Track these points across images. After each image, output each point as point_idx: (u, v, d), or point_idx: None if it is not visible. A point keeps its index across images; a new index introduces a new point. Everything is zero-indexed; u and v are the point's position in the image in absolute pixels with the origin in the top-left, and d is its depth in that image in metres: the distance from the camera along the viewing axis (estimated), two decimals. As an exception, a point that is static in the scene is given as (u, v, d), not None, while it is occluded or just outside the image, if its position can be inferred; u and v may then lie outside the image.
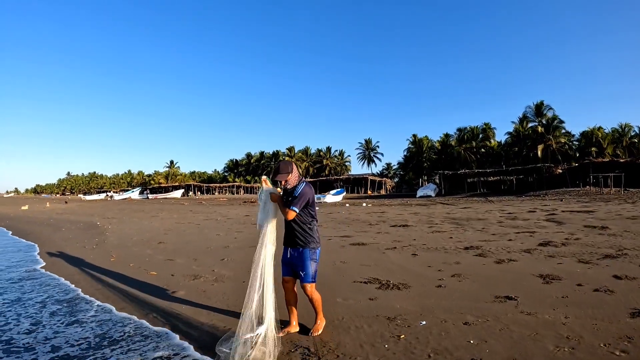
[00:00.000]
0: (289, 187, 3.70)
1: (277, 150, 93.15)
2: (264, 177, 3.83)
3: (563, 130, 57.50)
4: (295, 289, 3.83)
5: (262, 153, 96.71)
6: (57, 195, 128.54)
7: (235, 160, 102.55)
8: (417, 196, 45.77)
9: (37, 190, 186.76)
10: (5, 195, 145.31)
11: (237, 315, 3.64)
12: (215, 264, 7.34)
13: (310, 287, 3.66)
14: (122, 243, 10.51)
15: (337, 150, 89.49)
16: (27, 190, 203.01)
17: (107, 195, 74.61)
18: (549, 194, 33.39)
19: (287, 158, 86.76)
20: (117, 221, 18.21)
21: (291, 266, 3.73)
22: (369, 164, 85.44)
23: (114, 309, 4.90)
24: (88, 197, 74.95)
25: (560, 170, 43.51)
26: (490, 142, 66.14)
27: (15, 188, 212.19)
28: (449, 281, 5.54)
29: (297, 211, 3.58)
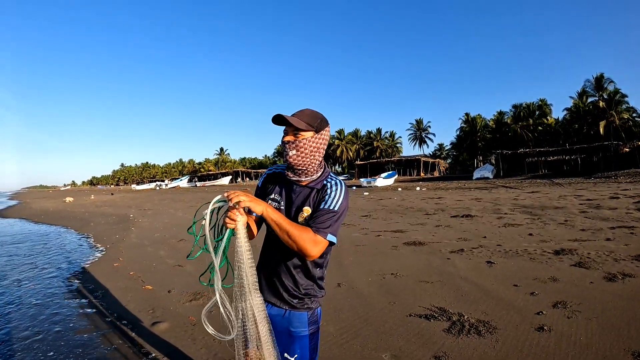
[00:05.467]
0: (296, 163, 1.67)
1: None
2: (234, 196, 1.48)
3: (625, 106, 51.47)
4: None
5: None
6: (111, 186, 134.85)
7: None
8: (474, 178, 42.80)
9: (92, 182, 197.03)
10: (62, 188, 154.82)
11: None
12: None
13: None
14: (141, 242, 9.30)
15: (387, 132, 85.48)
16: (83, 183, 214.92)
17: (157, 184, 76.37)
18: (621, 176, 29.65)
19: (336, 141, 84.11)
20: (152, 213, 17.43)
21: None
22: (420, 145, 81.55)
23: None
24: (138, 187, 77.34)
25: (628, 149, 38.95)
26: (547, 120, 60.69)
27: (72, 181, 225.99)
28: (553, 317, 3.58)
29: (335, 242, 1.64)
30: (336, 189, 1.68)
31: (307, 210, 1.68)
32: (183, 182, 74.49)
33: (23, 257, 8.11)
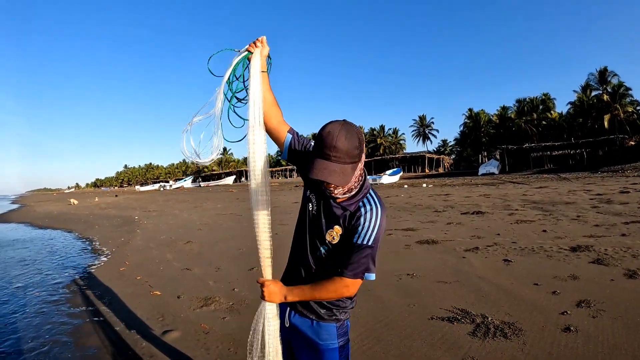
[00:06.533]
0: (343, 194, 1.48)
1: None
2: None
3: (629, 99, 50.97)
4: None
5: (314, 135, 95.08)
6: (115, 188, 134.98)
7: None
8: (480, 174, 42.72)
9: (96, 184, 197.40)
10: (66, 191, 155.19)
11: None
12: (240, 276, 5.64)
13: None
14: (146, 244, 9.15)
15: (390, 129, 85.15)
16: (87, 185, 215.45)
17: (161, 185, 76.37)
18: (628, 169, 29.42)
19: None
20: (156, 214, 17.28)
21: (288, 347, 1.68)
22: (424, 141, 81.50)
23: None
24: (142, 188, 77.36)
25: (633, 143, 38.80)
26: (551, 114, 60.31)
27: (76, 183, 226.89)
28: (578, 317, 3.43)
29: (373, 277, 1.49)
30: (371, 217, 1.46)
31: (337, 230, 1.51)
32: (187, 183, 74.44)
33: (27, 263, 7.98)
